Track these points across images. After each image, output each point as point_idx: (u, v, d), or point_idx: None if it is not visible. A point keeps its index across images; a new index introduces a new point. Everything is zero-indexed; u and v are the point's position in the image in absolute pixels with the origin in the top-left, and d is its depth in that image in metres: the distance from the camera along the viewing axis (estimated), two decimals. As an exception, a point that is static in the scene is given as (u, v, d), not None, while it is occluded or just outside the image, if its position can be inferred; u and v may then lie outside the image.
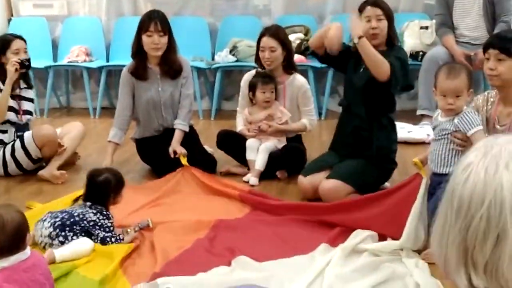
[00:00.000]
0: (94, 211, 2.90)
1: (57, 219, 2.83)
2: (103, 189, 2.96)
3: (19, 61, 3.90)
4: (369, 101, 3.50)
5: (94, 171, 3.08)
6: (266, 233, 3.03)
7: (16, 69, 3.89)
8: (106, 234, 2.87)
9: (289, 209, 3.27)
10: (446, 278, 0.96)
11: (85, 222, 2.85)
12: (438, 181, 2.77)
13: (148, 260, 2.77)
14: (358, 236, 2.87)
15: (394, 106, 3.62)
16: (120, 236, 2.91)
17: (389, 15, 3.48)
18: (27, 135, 3.97)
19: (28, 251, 2.16)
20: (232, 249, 2.79)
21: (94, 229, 2.86)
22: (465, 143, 2.77)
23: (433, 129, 2.97)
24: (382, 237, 2.91)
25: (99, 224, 2.88)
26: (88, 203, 2.95)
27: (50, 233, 2.80)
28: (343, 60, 3.61)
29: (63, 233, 2.80)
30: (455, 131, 2.81)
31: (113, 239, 2.87)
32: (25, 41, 4.08)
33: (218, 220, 3.15)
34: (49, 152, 3.99)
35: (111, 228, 2.92)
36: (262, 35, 3.97)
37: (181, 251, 2.83)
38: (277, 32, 3.95)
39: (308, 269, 2.62)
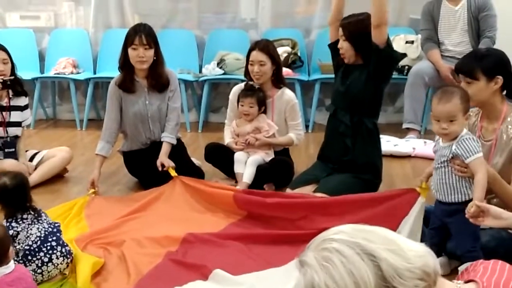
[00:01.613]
0: (36, 221, 2.66)
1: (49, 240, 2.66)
2: (28, 187, 2.77)
3: (1, 80, 3.91)
4: (354, 106, 3.54)
5: (9, 179, 2.68)
6: (239, 247, 3.00)
7: None
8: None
9: (282, 207, 3.25)
10: None
11: (47, 234, 2.67)
12: (449, 210, 2.70)
13: (120, 275, 2.73)
14: None
15: (379, 112, 3.66)
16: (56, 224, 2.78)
17: (353, 37, 3.44)
18: None
19: (11, 264, 2.15)
20: (206, 263, 2.75)
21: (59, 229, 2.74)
22: (464, 169, 2.65)
23: (435, 153, 2.85)
24: None
25: (51, 223, 2.72)
26: (27, 219, 2.65)
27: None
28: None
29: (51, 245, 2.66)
30: (452, 157, 2.68)
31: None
32: (5, 50, 4.00)
33: (187, 234, 3.09)
34: None
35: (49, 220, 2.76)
36: (251, 49, 3.99)
37: (153, 266, 2.79)
38: (266, 47, 3.97)
39: (286, 282, 2.58)
